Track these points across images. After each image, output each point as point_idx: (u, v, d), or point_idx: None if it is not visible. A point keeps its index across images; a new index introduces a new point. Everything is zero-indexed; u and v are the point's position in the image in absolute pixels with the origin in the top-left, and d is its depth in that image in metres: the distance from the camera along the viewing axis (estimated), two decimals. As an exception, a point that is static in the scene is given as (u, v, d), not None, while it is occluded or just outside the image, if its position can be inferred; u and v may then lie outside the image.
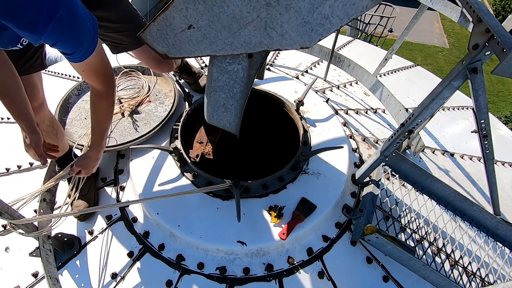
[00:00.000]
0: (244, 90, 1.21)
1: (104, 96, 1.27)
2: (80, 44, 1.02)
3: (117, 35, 1.52)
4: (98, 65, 1.16)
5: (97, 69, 1.17)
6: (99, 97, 1.27)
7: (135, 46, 1.58)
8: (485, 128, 1.25)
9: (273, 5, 0.88)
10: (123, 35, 1.52)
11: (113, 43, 1.56)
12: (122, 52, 1.61)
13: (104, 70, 1.21)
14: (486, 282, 1.59)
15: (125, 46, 1.57)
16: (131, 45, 1.57)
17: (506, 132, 2.85)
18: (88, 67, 1.13)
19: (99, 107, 1.30)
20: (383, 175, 1.77)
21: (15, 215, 1.20)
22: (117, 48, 1.58)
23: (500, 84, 10.42)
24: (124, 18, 1.48)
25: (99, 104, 1.29)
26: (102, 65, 1.19)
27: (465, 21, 1.44)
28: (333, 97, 2.60)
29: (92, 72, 1.17)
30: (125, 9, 1.48)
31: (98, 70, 1.17)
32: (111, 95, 1.29)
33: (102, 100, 1.28)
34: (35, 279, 1.51)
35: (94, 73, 1.18)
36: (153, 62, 1.67)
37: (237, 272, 1.48)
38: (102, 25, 1.44)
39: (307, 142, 1.95)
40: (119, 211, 1.70)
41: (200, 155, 2.06)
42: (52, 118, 1.57)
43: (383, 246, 1.45)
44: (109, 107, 1.33)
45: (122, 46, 1.57)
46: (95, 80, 1.21)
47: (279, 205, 1.61)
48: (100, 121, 1.34)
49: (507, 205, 2.09)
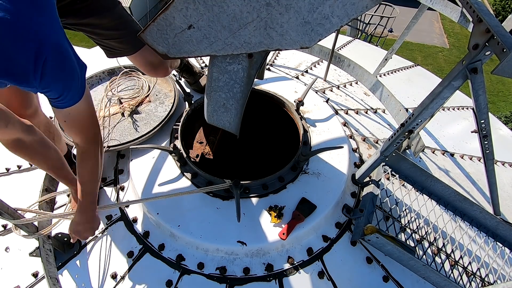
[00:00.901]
0: (244, 90, 1.21)
1: (88, 153, 1.17)
2: (68, 86, 0.95)
3: (112, 42, 1.49)
4: (85, 114, 1.07)
5: (82, 119, 1.08)
6: (83, 154, 1.18)
7: (130, 52, 1.55)
8: (485, 128, 1.25)
9: (273, 5, 0.88)
10: (118, 42, 1.49)
11: (108, 48, 1.54)
12: (117, 57, 1.58)
13: (90, 121, 1.11)
14: (486, 282, 1.59)
15: (120, 51, 1.55)
16: (126, 51, 1.54)
17: (506, 132, 2.85)
18: (73, 116, 1.04)
19: (83, 164, 1.20)
20: (383, 175, 1.78)
21: (15, 215, 1.21)
22: (112, 53, 1.55)
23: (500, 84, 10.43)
24: (119, 25, 1.44)
25: (82, 161, 1.19)
26: (89, 115, 1.10)
27: (465, 21, 1.44)
28: (333, 97, 2.60)
29: (76, 122, 1.07)
30: (120, 16, 1.44)
31: (84, 120, 1.09)
32: (94, 155, 1.19)
33: (85, 157, 1.18)
34: (35, 279, 1.51)
35: (78, 124, 1.08)
36: (148, 67, 1.64)
37: (237, 272, 1.48)
38: (96, 32, 1.43)
39: (307, 142, 1.95)
40: (119, 211, 1.70)
41: (200, 155, 2.06)
42: (48, 122, 1.56)
43: (383, 246, 1.45)
44: (93, 167, 1.21)
45: (117, 51, 1.54)
46: (79, 133, 1.11)
47: (279, 205, 1.61)
48: (83, 181, 1.23)
49: (507, 205, 2.09)
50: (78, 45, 8.11)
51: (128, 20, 1.49)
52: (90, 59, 2.91)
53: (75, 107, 1.01)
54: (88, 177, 1.23)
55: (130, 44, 1.50)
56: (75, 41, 10.30)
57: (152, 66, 1.64)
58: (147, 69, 1.67)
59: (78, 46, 8.17)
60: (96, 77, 2.22)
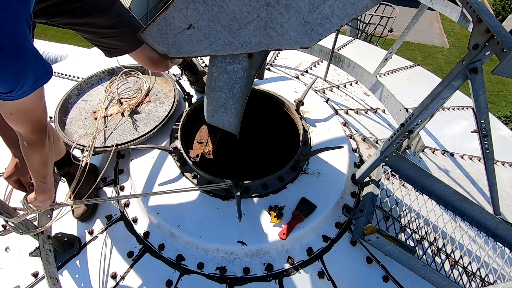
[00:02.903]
0: (244, 90, 1.21)
1: (33, 143, 1.09)
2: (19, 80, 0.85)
3: (110, 40, 1.46)
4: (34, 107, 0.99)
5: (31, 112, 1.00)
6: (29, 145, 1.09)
7: (130, 49, 1.52)
8: (485, 128, 1.25)
9: (273, 5, 0.88)
10: (116, 40, 1.46)
11: (106, 48, 1.51)
12: (116, 55, 1.55)
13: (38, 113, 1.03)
14: (486, 282, 1.59)
15: (120, 50, 1.52)
16: (126, 48, 1.51)
17: (506, 132, 2.85)
18: (21, 110, 0.95)
19: (30, 154, 1.11)
20: (383, 175, 1.77)
21: (14, 214, 1.20)
22: (111, 52, 1.53)
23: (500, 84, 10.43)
24: (118, 23, 1.41)
25: (29, 152, 1.10)
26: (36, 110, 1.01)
27: (465, 21, 1.44)
28: (333, 97, 2.60)
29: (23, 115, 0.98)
30: (119, 13, 1.41)
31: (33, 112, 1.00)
32: (42, 144, 1.11)
33: (31, 147, 1.09)
34: (35, 279, 1.51)
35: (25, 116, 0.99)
36: (149, 63, 1.64)
37: (237, 272, 1.48)
38: (94, 32, 1.40)
39: (307, 142, 1.95)
40: (119, 211, 1.70)
41: (200, 155, 2.06)
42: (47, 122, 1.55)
43: (383, 246, 1.45)
44: (42, 155, 1.14)
45: (116, 50, 1.51)
46: (26, 125, 1.03)
47: (279, 205, 1.61)
48: (34, 169, 1.15)
49: (507, 205, 2.09)
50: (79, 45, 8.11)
51: (128, 17, 1.46)
52: (90, 59, 2.91)
53: (25, 100, 0.91)
54: (39, 164, 1.15)
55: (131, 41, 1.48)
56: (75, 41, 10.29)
57: (152, 62, 1.63)
58: (147, 64, 1.66)
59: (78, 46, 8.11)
60: (96, 77, 2.22)
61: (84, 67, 2.83)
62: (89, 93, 2.16)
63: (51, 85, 2.61)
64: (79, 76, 2.70)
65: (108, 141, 1.84)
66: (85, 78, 2.19)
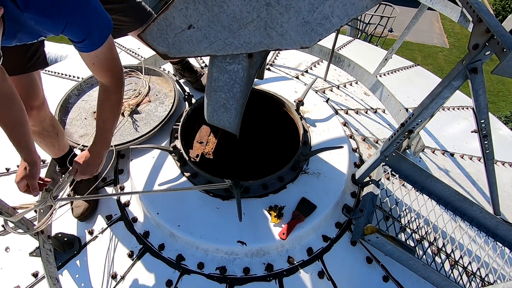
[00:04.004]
0: (244, 90, 1.21)
1: (111, 92, 1.25)
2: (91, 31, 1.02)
3: (118, 16, 1.51)
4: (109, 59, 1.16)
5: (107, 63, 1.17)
6: (106, 93, 1.26)
7: (135, 26, 1.57)
8: (485, 128, 1.25)
9: (273, 5, 0.89)
10: (123, 15, 1.52)
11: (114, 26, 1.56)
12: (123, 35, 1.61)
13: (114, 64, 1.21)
14: (486, 282, 1.59)
15: (126, 27, 1.57)
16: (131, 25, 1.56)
17: (506, 132, 2.85)
18: (99, 60, 1.13)
19: (106, 103, 1.28)
20: (383, 175, 1.77)
21: (13, 213, 1.20)
22: (118, 30, 1.57)
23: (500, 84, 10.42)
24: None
25: (106, 101, 1.28)
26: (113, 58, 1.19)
27: (465, 21, 1.44)
28: (333, 97, 2.60)
29: (102, 66, 1.17)
30: None
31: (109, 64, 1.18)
32: (118, 92, 1.28)
33: (109, 96, 1.26)
34: (35, 279, 1.51)
35: (104, 67, 1.18)
36: None
37: (237, 272, 1.48)
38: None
39: (307, 142, 1.95)
40: (119, 211, 1.70)
41: (200, 155, 2.06)
42: (53, 117, 1.57)
43: (383, 246, 1.45)
44: (116, 105, 1.30)
45: (123, 27, 1.56)
46: (104, 75, 1.21)
47: (279, 205, 1.61)
48: (104, 119, 1.31)
49: (507, 205, 2.09)
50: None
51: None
52: (90, 59, 2.91)
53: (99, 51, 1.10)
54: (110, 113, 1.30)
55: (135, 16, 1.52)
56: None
57: None
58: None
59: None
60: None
61: (84, 67, 2.81)
62: (89, 93, 2.16)
63: (51, 85, 2.62)
64: (79, 76, 2.70)
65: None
66: (85, 78, 2.19)
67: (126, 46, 3.08)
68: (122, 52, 3.01)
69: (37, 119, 1.45)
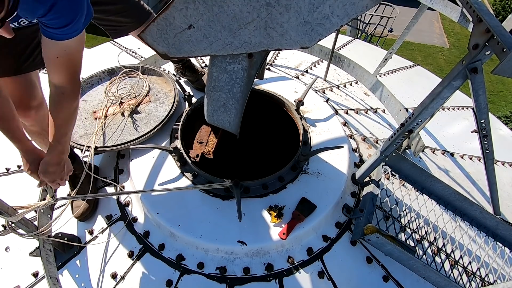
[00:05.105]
0: (244, 90, 1.21)
1: (68, 93, 1.15)
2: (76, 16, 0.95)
3: (117, 17, 1.49)
4: (79, 51, 1.08)
5: (72, 59, 1.08)
6: (62, 96, 1.15)
7: (135, 26, 1.54)
8: (485, 128, 1.25)
9: (273, 5, 0.89)
10: (123, 16, 1.49)
11: (113, 27, 1.53)
12: (123, 35, 1.57)
13: (77, 62, 1.12)
14: (486, 282, 1.59)
15: (126, 27, 1.54)
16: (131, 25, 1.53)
17: (506, 132, 2.85)
18: (67, 53, 1.04)
19: (61, 106, 1.17)
20: (383, 175, 1.78)
21: (13, 213, 1.20)
22: (117, 31, 1.54)
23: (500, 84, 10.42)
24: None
25: (61, 103, 1.16)
26: (78, 57, 1.10)
27: (465, 21, 1.44)
28: (333, 97, 2.60)
29: (66, 62, 1.07)
30: None
31: (73, 59, 1.09)
32: (76, 95, 1.18)
33: (65, 98, 1.16)
34: (35, 279, 1.51)
35: (68, 63, 1.08)
36: None
37: (237, 272, 1.48)
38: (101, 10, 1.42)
39: (307, 142, 1.95)
40: (119, 211, 1.70)
41: (200, 155, 2.06)
42: None
43: (383, 246, 1.45)
44: (71, 108, 1.20)
45: (123, 28, 1.54)
46: (68, 71, 1.11)
47: (279, 205, 1.61)
48: (59, 124, 1.19)
49: (507, 205, 2.09)
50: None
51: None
52: (90, 59, 2.91)
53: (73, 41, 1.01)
54: (64, 118, 1.19)
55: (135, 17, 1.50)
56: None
57: None
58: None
59: (78, 46, 8.17)
60: (96, 77, 2.22)
61: (84, 67, 2.82)
62: (89, 93, 2.16)
63: (51, 85, 2.61)
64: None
65: (108, 141, 1.84)
66: (85, 78, 2.19)
67: (126, 46, 3.08)
68: (122, 52, 3.01)
69: (36, 119, 1.45)
